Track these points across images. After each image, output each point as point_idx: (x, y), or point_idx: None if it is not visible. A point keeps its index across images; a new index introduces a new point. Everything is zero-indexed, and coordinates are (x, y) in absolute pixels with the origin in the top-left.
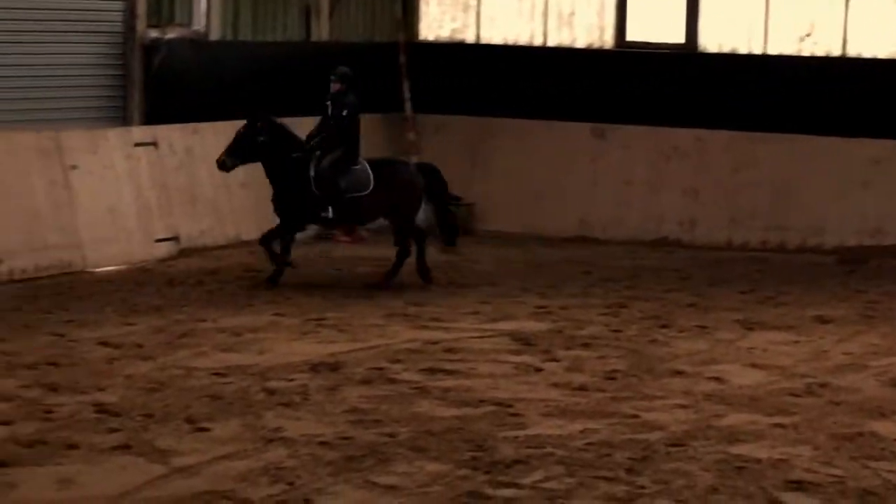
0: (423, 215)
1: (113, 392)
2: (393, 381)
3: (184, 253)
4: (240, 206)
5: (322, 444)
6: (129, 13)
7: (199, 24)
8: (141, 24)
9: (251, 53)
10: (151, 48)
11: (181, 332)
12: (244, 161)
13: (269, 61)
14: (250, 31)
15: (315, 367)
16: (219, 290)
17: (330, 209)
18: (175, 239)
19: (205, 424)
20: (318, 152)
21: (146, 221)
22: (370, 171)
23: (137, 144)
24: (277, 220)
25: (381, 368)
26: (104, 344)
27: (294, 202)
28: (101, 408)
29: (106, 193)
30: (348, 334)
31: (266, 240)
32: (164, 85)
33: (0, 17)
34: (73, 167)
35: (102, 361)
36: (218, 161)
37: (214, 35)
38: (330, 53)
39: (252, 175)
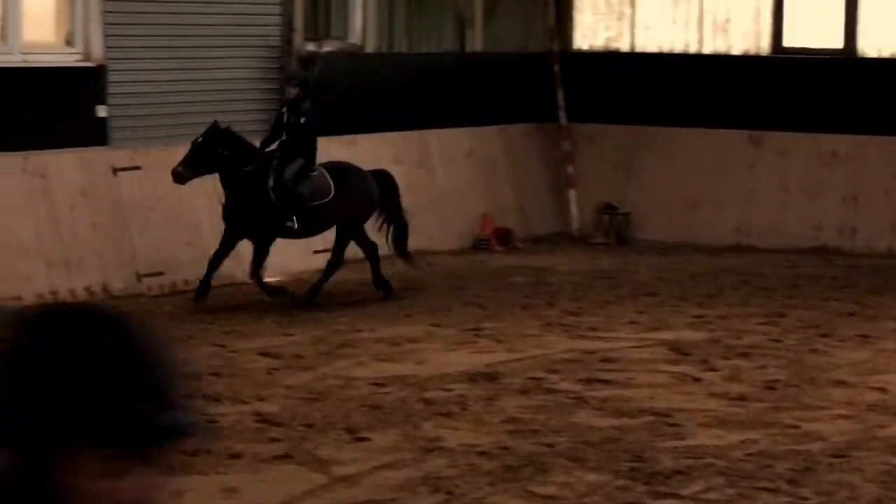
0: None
1: (274, 402)
2: (550, 391)
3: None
4: None
5: (480, 453)
6: (286, 27)
7: (354, 36)
8: (297, 38)
9: (406, 65)
10: (308, 61)
11: (339, 342)
12: (201, 173)
13: (424, 73)
14: (405, 43)
15: (472, 378)
16: (375, 300)
17: (294, 219)
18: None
19: (364, 434)
20: (274, 162)
21: None
22: (329, 177)
23: None
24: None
25: (538, 378)
26: (264, 354)
27: (254, 214)
28: (262, 417)
29: None
30: (505, 344)
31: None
32: (320, 98)
33: (160, 33)
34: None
35: (263, 371)
36: (174, 172)
37: (370, 47)
38: (484, 64)
39: (407, 185)
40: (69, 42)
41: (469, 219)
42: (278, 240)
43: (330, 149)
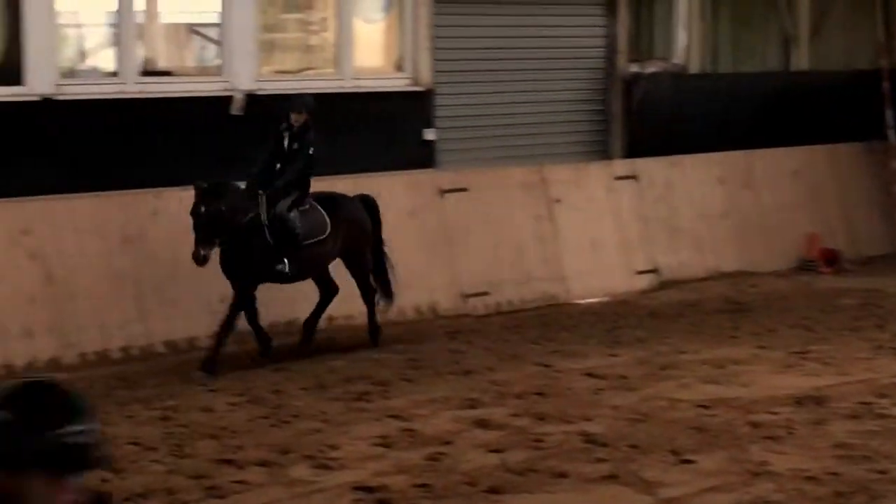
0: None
1: (599, 422)
2: (882, 416)
3: (664, 285)
4: (720, 237)
5: (809, 478)
6: (610, 49)
7: (678, 57)
8: (621, 60)
9: (730, 85)
10: (632, 83)
11: (664, 363)
12: (220, 237)
13: (749, 92)
14: (730, 63)
15: (800, 401)
16: (700, 321)
17: (286, 261)
18: (655, 271)
19: (690, 456)
20: (264, 197)
21: (627, 254)
22: (322, 211)
23: (618, 178)
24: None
25: (868, 403)
26: (589, 375)
27: (246, 259)
28: (587, 438)
29: (588, 226)
30: (833, 367)
31: (244, 320)
32: (644, 119)
33: (486, 57)
34: (557, 201)
35: (588, 392)
36: (195, 257)
37: (693, 68)
38: (810, 82)
39: (731, 205)
40: (399, 67)
41: (794, 240)
42: (602, 257)
43: (652, 169)
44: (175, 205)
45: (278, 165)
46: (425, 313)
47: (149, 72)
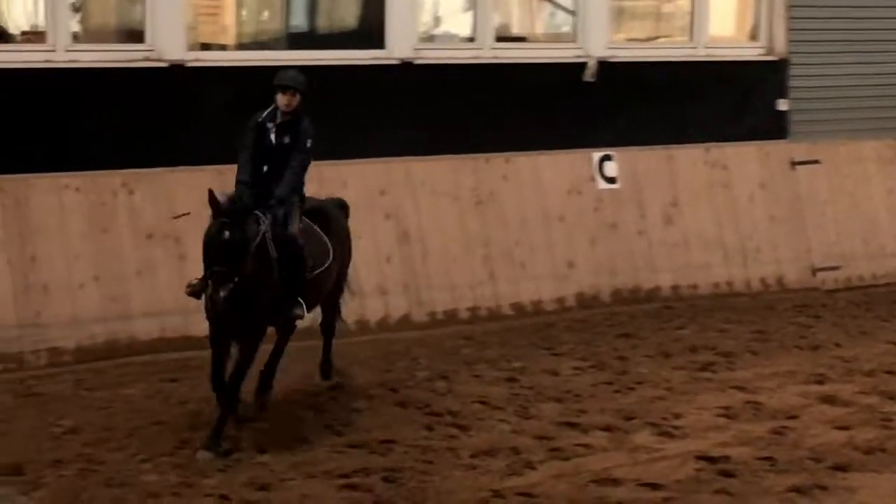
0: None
1: None
2: None
3: None
4: None
5: None
6: None
7: None
8: None
9: None
10: None
11: None
12: (235, 279)
13: None
14: None
15: None
16: None
17: (303, 304)
18: None
19: None
20: (266, 216)
21: None
22: (319, 230)
23: None
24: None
25: None
26: None
27: (255, 303)
28: None
29: None
30: None
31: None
32: None
33: (843, 27)
34: None
35: None
36: (213, 300)
37: None
38: None
39: None
40: (753, 36)
41: None
42: None
43: None
44: (526, 171)
45: (265, 168)
46: (772, 286)
47: (503, 38)
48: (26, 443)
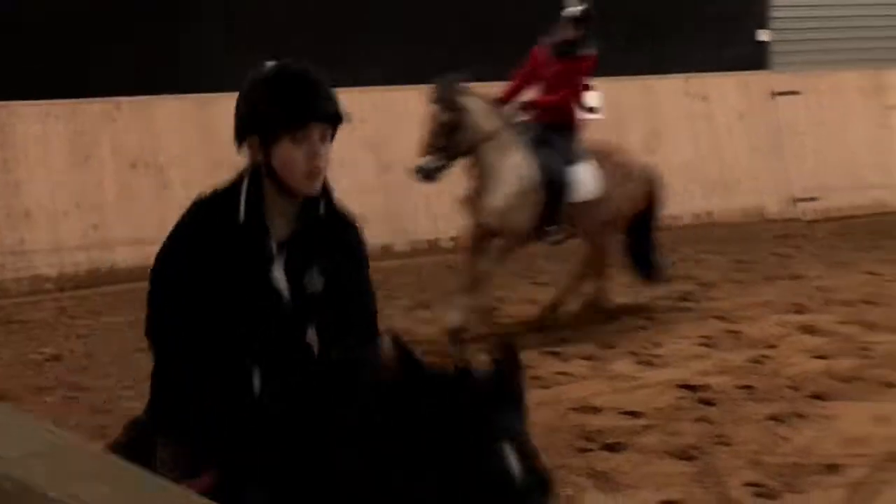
0: None
1: None
2: None
3: None
4: None
5: None
6: None
7: None
8: None
9: None
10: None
11: None
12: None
13: None
14: None
15: None
16: None
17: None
18: None
19: None
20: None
21: None
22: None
23: None
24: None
25: None
26: None
27: None
28: None
29: None
30: None
31: None
32: None
33: None
34: (893, 107)
35: None
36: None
37: None
38: None
39: None
40: None
41: None
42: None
43: None
44: None
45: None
46: (752, 216)
47: None
48: (8, 370)
